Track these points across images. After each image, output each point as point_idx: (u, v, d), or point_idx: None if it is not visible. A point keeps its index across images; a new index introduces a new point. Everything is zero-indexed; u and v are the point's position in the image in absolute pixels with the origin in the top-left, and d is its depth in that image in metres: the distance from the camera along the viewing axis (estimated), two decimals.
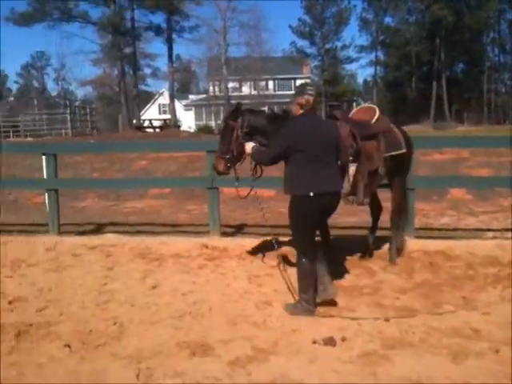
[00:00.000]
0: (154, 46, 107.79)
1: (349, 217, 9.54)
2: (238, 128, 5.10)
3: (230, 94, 46.54)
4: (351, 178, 5.25)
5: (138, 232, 8.07)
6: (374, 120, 5.58)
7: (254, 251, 6.35)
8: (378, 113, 5.62)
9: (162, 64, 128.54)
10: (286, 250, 6.01)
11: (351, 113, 6.00)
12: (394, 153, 5.57)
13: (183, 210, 10.72)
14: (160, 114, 59.18)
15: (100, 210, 10.89)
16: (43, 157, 7.58)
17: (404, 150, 5.65)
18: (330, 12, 61.21)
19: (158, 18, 55.38)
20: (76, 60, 79.95)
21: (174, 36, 45.58)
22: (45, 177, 7.69)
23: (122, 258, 6.38)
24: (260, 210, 6.29)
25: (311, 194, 4.26)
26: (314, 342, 3.79)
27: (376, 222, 6.25)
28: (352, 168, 5.22)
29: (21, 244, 7.14)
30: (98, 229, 8.53)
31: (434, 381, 3.25)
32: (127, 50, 43.36)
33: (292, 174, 4.41)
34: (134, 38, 43.20)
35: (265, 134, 5.11)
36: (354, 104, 62.49)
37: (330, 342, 3.77)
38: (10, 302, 4.86)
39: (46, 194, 7.71)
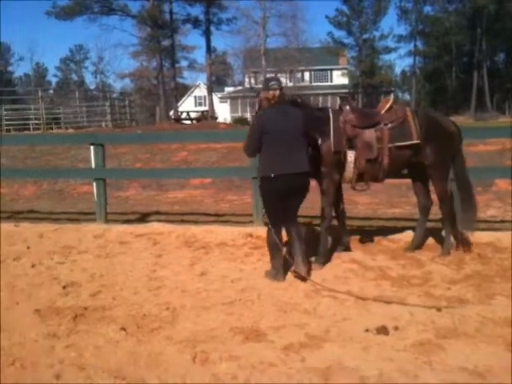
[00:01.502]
0: (191, 38, 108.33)
1: (391, 208, 9.48)
2: None
3: None
4: (351, 165, 5.54)
5: (183, 221, 8.18)
6: (383, 110, 5.67)
7: None
8: (389, 104, 5.74)
9: (198, 56, 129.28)
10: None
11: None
12: (400, 143, 5.54)
13: (224, 200, 10.81)
14: (196, 106, 59.66)
15: (143, 199, 11.08)
16: (91, 147, 7.74)
17: (414, 141, 5.55)
18: (369, 1, 60.44)
19: (196, 11, 55.52)
20: (114, 53, 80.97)
21: (212, 28, 45.83)
22: (93, 167, 7.86)
23: (168, 246, 6.48)
24: None
25: (272, 176, 4.81)
26: (367, 331, 3.79)
27: (422, 214, 6.15)
28: (350, 155, 5.51)
29: (70, 231, 7.34)
30: (143, 217, 8.70)
31: (491, 370, 3.20)
32: (165, 43, 43.75)
33: (261, 159, 5.01)
34: (173, 30, 43.52)
35: None
36: (392, 95, 61.60)
37: (382, 330, 3.76)
38: (64, 287, 5.00)
39: (94, 184, 7.88)
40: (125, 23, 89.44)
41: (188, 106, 57.59)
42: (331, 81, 58.88)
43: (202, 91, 60.36)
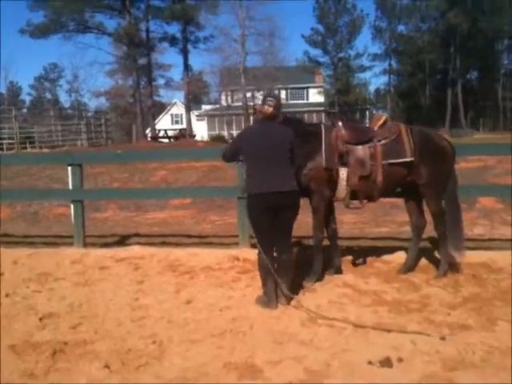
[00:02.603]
0: (167, 56, 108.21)
1: (377, 227, 9.31)
2: None
3: (247, 103, 46.16)
4: (343, 183, 5.37)
5: (164, 243, 7.87)
6: (376, 127, 5.54)
7: None
8: (382, 120, 5.61)
9: (175, 74, 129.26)
10: None
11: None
12: (393, 160, 5.40)
13: (206, 220, 10.52)
14: (173, 124, 59.28)
15: (122, 221, 10.72)
16: (69, 167, 7.41)
17: (407, 159, 5.41)
18: (343, 21, 61.19)
19: (173, 29, 55.45)
20: (89, 71, 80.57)
21: (189, 46, 45.78)
22: (70, 187, 7.53)
23: (151, 271, 6.17)
24: None
25: (256, 192, 4.69)
26: (370, 363, 3.54)
27: (415, 234, 5.97)
28: (342, 172, 5.34)
29: (46, 256, 6.96)
30: (123, 240, 8.36)
31: None
32: (142, 61, 43.50)
33: (246, 177, 4.95)
34: (149, 48, 43.33)
35: None
36: (367, 112, 62.35)
37: (386, 362, 3.53)
38: (40, 319, 4.66)
39: (72, 206, 7.53)
40: (101, 41, 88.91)
41: (165, 124, 57.15)
42: (307, 99, 59.14)
43: (178, 109, 60.12)
